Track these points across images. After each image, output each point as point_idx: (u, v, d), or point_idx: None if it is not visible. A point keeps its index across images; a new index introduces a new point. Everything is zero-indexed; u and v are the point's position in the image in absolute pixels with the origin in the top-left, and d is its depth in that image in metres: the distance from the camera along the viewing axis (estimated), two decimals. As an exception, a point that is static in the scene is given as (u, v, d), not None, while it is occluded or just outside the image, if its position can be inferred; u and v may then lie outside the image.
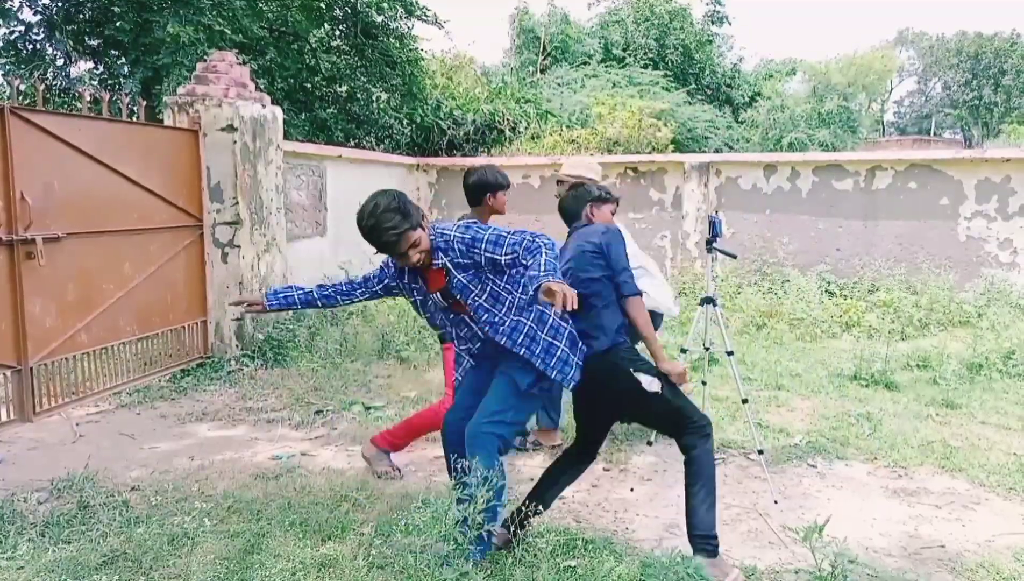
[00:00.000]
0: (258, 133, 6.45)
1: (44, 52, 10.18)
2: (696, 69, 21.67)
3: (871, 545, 3.27)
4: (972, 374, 5.90)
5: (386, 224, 2.66)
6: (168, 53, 8.59)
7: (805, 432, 4.65)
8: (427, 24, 11.97)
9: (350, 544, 3.11)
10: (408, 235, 2.71)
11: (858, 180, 8.76)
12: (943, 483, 3.94)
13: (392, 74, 11.83)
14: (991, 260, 8.30)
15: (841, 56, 32.44)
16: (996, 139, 30.68)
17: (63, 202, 4.79)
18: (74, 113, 5.40)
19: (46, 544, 3.12)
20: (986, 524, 3.47)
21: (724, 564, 2.91)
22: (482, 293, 2.85)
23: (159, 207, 5.70)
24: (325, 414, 5.08)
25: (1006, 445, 4.45)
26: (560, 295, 2.41)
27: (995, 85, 38.96)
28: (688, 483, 2.96)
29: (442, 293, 2.91)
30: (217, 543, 3.14)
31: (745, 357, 6.33)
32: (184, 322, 6.00)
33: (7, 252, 4.43)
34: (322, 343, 6.46)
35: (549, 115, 14.05)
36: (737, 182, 9.23)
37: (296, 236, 7.49)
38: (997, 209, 8.27)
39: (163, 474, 4.02)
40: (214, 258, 6.26)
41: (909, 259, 8.52)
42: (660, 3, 21.51)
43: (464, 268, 2.82)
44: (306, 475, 3.98)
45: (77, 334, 4.94)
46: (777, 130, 20.16)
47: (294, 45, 11.06)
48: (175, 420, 5.00)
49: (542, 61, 20.34)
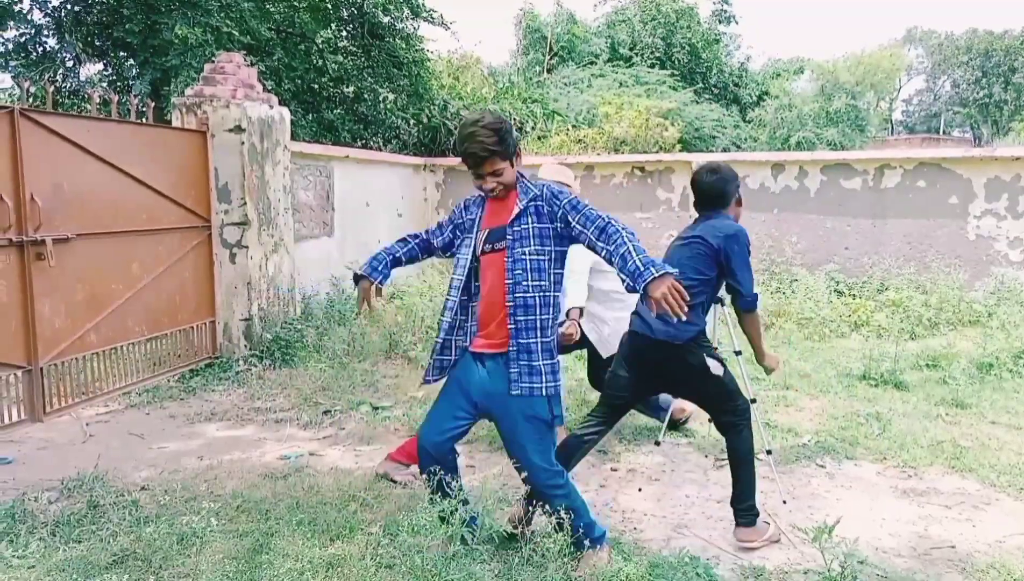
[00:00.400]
0: (266, 134, 6.47)
1: (54, 54, 10.24)
2: (703, 68, 21.63)
3: (880, 545, 3.25)
4: (982, 374, 5.86)
5: (481, 137, 2.64)
6: (177, 55, 8.62)
7: (814, 432, 4.64)
8: (433, 25, 11.99)
9: (358, 544, 3.12)
10: (495, 159, 2.67)
11: (867, 179, 8.72)
12: (953, 483, 3.92)
13: (399, 75, 11.84)
14: (1001, 259, 8.25)
15: (849, 55, 32.33)
16: (1006, 137, 30.53)
17: (72, 203, 4.81)
18: (83, 115, 5.43)
19: (57, 543, 3.14)
20: (996, 524, 3.45)
21: (761, 528, 3.23)
22: (533, 253, 2.72)
23: (167, 208, 5.73)
24: (333, 414, 5.09)
25: (1016, 445, 4.42)
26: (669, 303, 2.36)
27: (1005, 83, 38.74)
28: (731, 457, 3.26)
29: (492, 233, 2.77)
30: (226, 542, 3.15)
31: (753, 357, 6.30)
32: (192, 322, 6.02)
33: (17, 253, 4.45)
34: (330, 343, 6.47)
35: (556, 115, 14.05)
36: (745, 181, 9.19)
37: (304, 236, 7.51)
38: (1007, 208, 8.21)
39: (172, 474, 4.04)
40: (222, 258, 6.29)
41: (918, 258, 8.47)
42: (667, 2, 21.48)
43: (539, 217, 2.73)
44: (314, 475, 3.98)
45: (86, 334, 4.97)
46: (785, 129, 20.11)
47: (301, 46, 11.08)
48: (184, 420, 5.02)
49: (548, 61, 20.34)
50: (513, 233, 2.73)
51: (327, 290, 7.77)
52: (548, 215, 2.72)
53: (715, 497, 3.75)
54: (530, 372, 2.72)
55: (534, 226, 2.72)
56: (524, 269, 2.71)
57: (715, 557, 3.14)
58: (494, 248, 2.78)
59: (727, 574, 3.00)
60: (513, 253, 2.72)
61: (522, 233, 2.73)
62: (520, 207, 2.73)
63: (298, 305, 7.05)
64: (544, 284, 2.73)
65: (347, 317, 7.24)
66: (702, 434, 4.58)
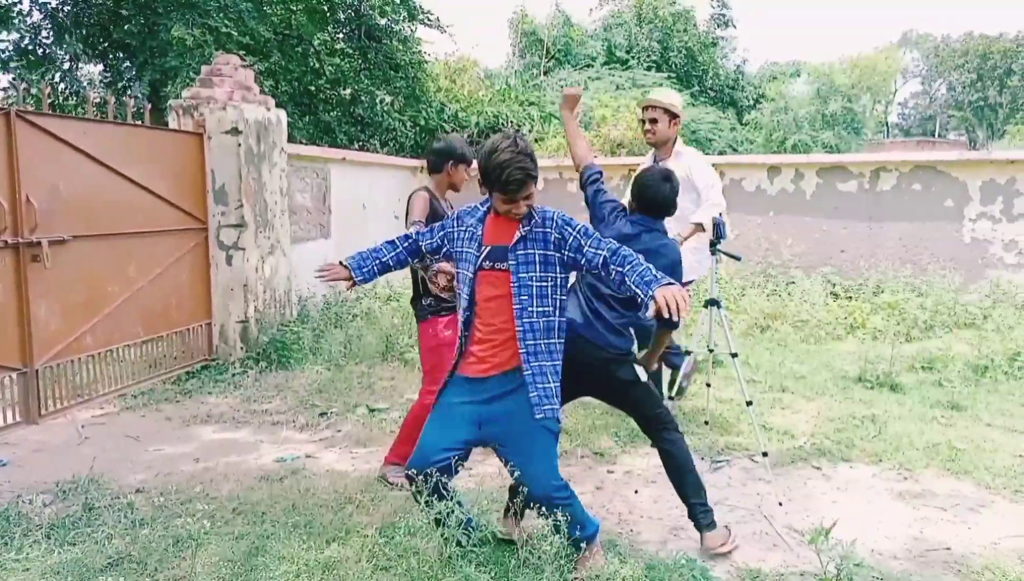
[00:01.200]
0: (262, 136, 6.47)
1: (53, 56, 10.23)
2: (700, 71, 21.64)
3: (876, 547, 3.26)
4: (978, 376, 5.88)
5: (522, 164, 2.62)
6: (176, 55, 8.62)
7: (810, 434, 4.64)
8: (430, 28, 12.01)
9: (354, 546, 3.11)
10: (530, 183, 2.66)
11: (862, 182, 8.74)
12: (949, 485, 3.92)
13: (396, 77, 11.86)
14: (996, 262, 8.27)
15: (845, 58, 32.40)
16: (1001, 140, 30.63)
17: (68, 205, 4.80)
18: (79, 116, 5.42)
19: (52, 546, 3.13)
20: (992, 526, 3.46)
21: (721, 532, 3.20)
22: (538, 280, 2.72)
23: (164, 210, 5.72)
24: (329, 416, 5.09)
25: (1012, 447, 4.43)
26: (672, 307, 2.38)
27: (1000, 86, 38.87)
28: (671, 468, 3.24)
29: (494, 251, 2.75)
30: (221, 545, 3.14)
31: (749, 359, 6.31)
32: (189, 324, 6.01)
33: (13, 255, 4.45)
34: (326, 345, 6.47)
35: (553, 117, 14.06)
36: (741, 184, 9.22)
37: (300, 238, 7.50)
38: (1002, 210, 8.24)
39: (168, 476, 4.03)
40: (218, 261, 6.28)
41: (914, 261, 8.49)
42: (663, 5, 21.50)
43: (545, 243, 2.71)
44: (310, 477, 3.98)
45: (82, 336, 4.96)
46: (781, 132, 20.15)
47: (298, 48, 11.09)
48: (180, 422, 5.01)
49: (545, 64, 20.36)
50: (517, 257, 2.72)
51: (323, 292, 7.77)
52: (555, 243, 2.72)
53: (711, 500, 3.74)
54: (547, 395, 2.74)
55: (539, 253, 2.72)
56: (530, 295, 2.72)
57: (711, 559, 3.14)
58: (494, 267, 2.76)
59: (723, 576, 3.00)
60: (519, 278, 2.71)
61: (527, 258, 2.72)
62: (522, 232, 2.72)
63: (294, 307, 7.04)
64: (549, 310, 2.74)
65: (343, 319, 7.24)
66: (698, 436, 4.59)
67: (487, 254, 2.77)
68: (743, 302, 8.11)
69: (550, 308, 2.74)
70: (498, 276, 2.75)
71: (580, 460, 4.29)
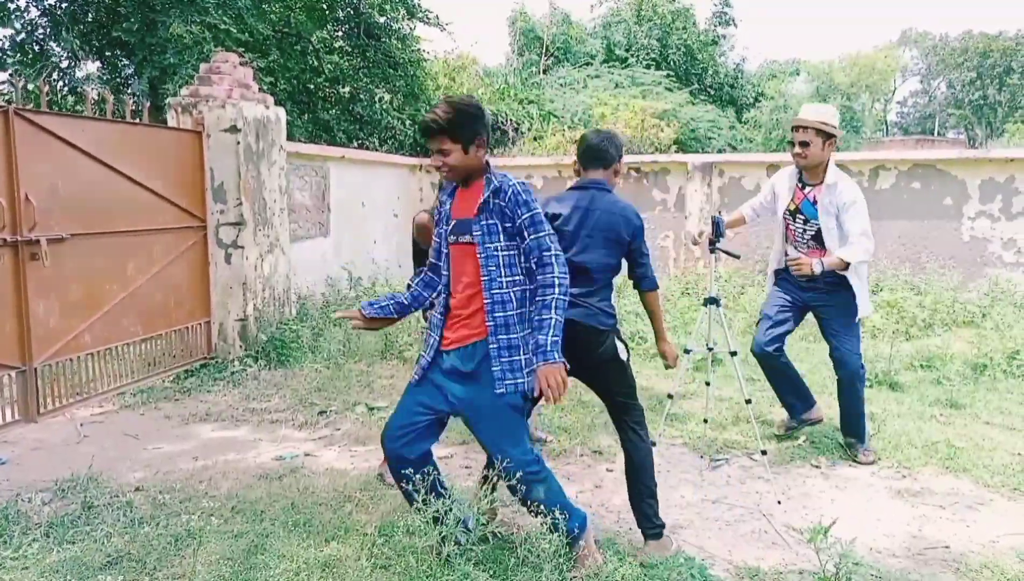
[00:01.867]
0: (261, 134, 6.46)
1: (51, 53, 10.21)
2: (699, 69, 21.64)
3: (875, 546, 3.26)
4: (976, 374, 5.88)
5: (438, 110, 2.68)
6: (174, 53, 8.61)
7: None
8: (429, 26, 12.00)
9: (353, 544, 3.11)
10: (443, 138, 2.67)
11: (861, 180, 8.74)
12: (947, 483, 3.93)
13: (395, 75, 11.85)
14: (995, 260, 8.28)
15: (844, 56, 32.42)
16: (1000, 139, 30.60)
17: (67, 203, 4.80)
18: (78, 114, 5.42)
19: (51, 544, 3.13)
20: (990, 525, 3.46)
21: (667, 541, 3.15)
22: (503, 249, 2.71)
23: (163, 208, 5.72)
24: (328, 415, 5.09)
25: (1010, 445, 4.44)
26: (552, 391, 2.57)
27: (1000, 85, 38.88)
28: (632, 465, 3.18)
29: (459, 224, 2.77)
30: (221, 543, 3.14)
31: (748, 357, 6.31)
32: (188, 323, 6.01)
33: (11, 253, 4.44)
34: (325, 344, 6.47)
35: (552, 116, 14.06)
36: (740, 182, 9.22)
37: (299, 237, 7.50)
38: (1001, 209, 8.25)
39: (167, 475, 4.03)
40: (217, 259, 6.28)
41: (913, 259, 8.50)
42: (663, 3, 21.49)
43: (502, 217, 2.69)
44: (309, 476, 3.98)
45: (81, 335, 4.96)
46: (780, 130, 20.13)
47: (297, 46, 11.08)
48: (179, 421, 5.01)
49: (544, 62, 20.35)
50: (480, 227, 2.72)
51: (323, 290, 7.76)
52: (511, 218, 2.70)
53: (710, 498, 3.76)
54: (512, 369, 2.70)
55: (499, 223, 2.71)
56: (497, 265, 2.70)
57: (710, 558, 3.15)
58: (458, 240, 2.78)
59: (721, 575, 3.01)
60: (485, 249, 2.71)
61: (490, 228, 2.71)
62: (482, 198, 2.72)
63: (293, 305, 7.04)
64: (518, 278, 2.73)
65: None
66: (697, 435, 4.59)
67: (453, 228, 2.79)
68: (742, 300, 8.11)
69: (520, 276, 2.73)
70: (465, 249, 2.76)
71: (579, 458, 4.29)
